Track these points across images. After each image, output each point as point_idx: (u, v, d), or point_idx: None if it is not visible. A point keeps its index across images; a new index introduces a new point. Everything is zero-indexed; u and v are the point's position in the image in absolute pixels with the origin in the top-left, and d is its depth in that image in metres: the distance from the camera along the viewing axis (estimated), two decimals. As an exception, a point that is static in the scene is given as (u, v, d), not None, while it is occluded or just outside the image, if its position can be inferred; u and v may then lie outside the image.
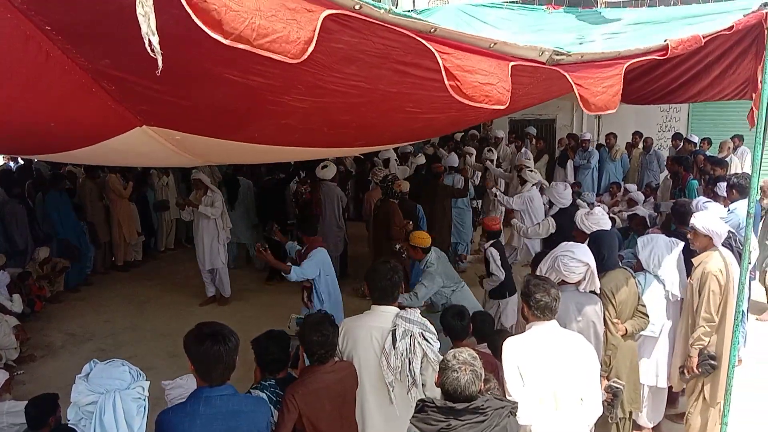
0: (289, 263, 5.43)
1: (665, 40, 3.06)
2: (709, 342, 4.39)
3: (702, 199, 5.63)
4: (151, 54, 1.38)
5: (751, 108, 4.04)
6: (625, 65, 2.85)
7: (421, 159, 9.45)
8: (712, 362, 4.36)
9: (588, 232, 5.09)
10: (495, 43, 2.28)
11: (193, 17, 1.40)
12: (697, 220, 4.51)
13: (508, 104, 2.25)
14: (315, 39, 1.63)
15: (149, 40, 1.36)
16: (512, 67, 2.29)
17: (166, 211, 10.64)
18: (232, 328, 2.82)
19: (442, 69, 2.04)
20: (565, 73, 2.58)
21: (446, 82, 2.07)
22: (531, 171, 8.29)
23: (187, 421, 2.62)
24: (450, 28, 2.12)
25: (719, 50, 4.29)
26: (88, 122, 2.89)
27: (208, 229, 7.97)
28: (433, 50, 2.00)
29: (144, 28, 1.35)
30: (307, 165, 9.33)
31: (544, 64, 2.51)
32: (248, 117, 2.96)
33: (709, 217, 4.57)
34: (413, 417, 2.71)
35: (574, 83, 2.63)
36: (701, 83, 4.86)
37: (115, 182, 9.45)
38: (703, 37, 3.28)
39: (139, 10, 1.34)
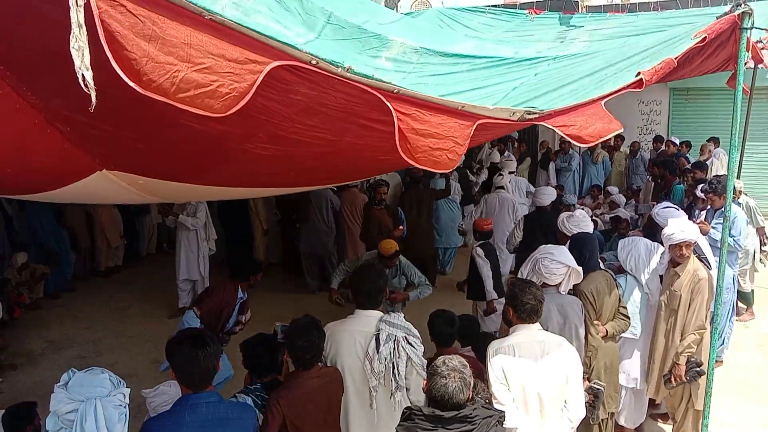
0: None
1: (638, 75, 3.05)
2: (696, 349, 4.39)
3: (660, 205, 5.67)
4: (85, 89, 1.33)
5: (732, 74, 4.06)
6: (602, 102, 2.86)
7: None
8: (699, 369, 4.35)
9: (569, 234, 5.13)
10: (463, 106, 2.26)
11: (113, 62, 1.37)
12: (690, 233, 4.42)
13: (454, 168, 2.25)
14: (251, 92, 1.59)
15: (83, 75, 1.32)
16: (479, 124, 2.27)
17: (147, 215, 10.51)
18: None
19: (396, 129, 2.01)
20: (543, 123, 2.58)
21: (398, 142, 2.04)
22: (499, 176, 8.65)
23: (173, 430, 2.59)
24: (414, 91, 2.09)
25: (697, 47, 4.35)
26: (45, 168, 2.76)
27: (187, 239, 7.77)
28: (392, 109, 1.97)
29: (77, 63, 1.31)
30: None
31: (515, 122, 2.51)
32: (211, 163, 2.88)
33: (691, 225, 4.55)
34: (399, 425, 2.67)
35: (556, 127, 2.61)
36: (683, 71, 4.92)
37: (96, 187, 9.30)
38: (675, 59, 3.30)
39: (72, 44, 1.30)
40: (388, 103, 1.95)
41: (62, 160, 2.60)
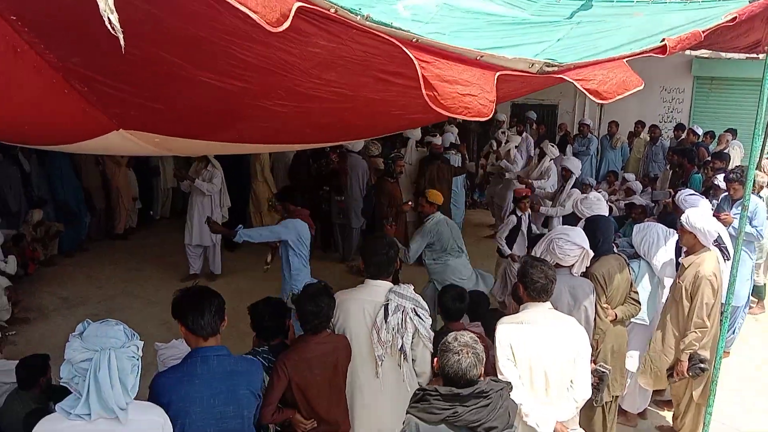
0: (240, 227, 5.25)
1: (662, 40, 2.95)
2: (699, 346, 4.35)
3: (686, 191, 5.59)
4: (112, 32, 1.29)
5: None
6: (624, 60, 2.78)
7: (438, 140, 9.39)
8: (702, 365, 4.33)
9: (581, 217, 5.09)
10: (482, 56, 2.21)
11: None
12: (684, 216, 4.40)
13: (490, 115, 2.18)
14: (291, 16, 1.52)
15: (108, 18, 1.28)
16: (499, 76, 2.21)
17: (156, 177, 10.55)
18: (225, 299, 2.90)
19: (420, 78, 1.94)
20: (562, 76, 2.52)
21: (423, 91, 1.98)
22: (552, 146, 9.31)
23: (186, 380, 2.67)
24: (434, 40, 2.03)
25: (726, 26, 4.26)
26: (62, 125, 2.79)
27: (201, 205, 7.77)
28: (413, 57, 1.91)
29: (102, 5, 1.27)
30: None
31: (534, 74, 2.44)
32: (227, 120, 2.88)
33: (698, 214, 4.43)
34: (411, 407, 2.63)
35: (574, 80, 2.53)
36: (711, 43, 4.82)
37: (113, 149, 9.35)
38: (703, 32, 3.23)
39: None
40: (408, 52, 1.90)
41: (80, 120, 2.60)
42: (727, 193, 6.16)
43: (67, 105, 2.36)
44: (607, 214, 5.10)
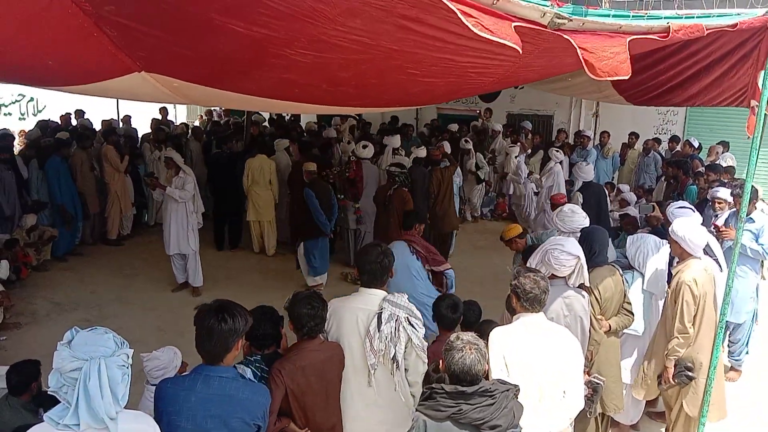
0: None
1: (668, 23, 3.07)
2: (684, 353, 4.33)
3: (676, 204, 5.58)
4: None
5: (750, 115, 4.05)
6: (628, 39, 2.84)
7: (422, 152, 9.44)
8: (689, 373, 4.32)
9: (564, 230, 5.02)
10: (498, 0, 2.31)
11: None
12: (672, 226, 4.42)
13: (521, 52, 2.30)
14: None
15: None
16: (515, 27, 2.32)
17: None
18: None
19: (456, 11, 2.05)
20: (569, 37, 2.58)
21: (465, 20, 2.08)
22: (557, 151, 9.99)
23: (183, 395, 2.63)
24: None
25: (723, 49, 4.29)
26: (86, 64, 2.99)
27: (176, 212, 7.60)
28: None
29: None
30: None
31: (545, 27, 2.52)
32: (249, 68, 3.01)
33: (683, 223, 4.43)
34: (420, 405, 2.72)
35: (579, 47, 2.61)
36: (700, 84, 4.84)
37: (113, 155, 9.35)
38: (706, 28, 3.29)
39: None
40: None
41: (104, 60, 2.82)
42: (735, 209, 6.11)
43: (94, 46, 2.58)
44: (586, 224, 4.99)
